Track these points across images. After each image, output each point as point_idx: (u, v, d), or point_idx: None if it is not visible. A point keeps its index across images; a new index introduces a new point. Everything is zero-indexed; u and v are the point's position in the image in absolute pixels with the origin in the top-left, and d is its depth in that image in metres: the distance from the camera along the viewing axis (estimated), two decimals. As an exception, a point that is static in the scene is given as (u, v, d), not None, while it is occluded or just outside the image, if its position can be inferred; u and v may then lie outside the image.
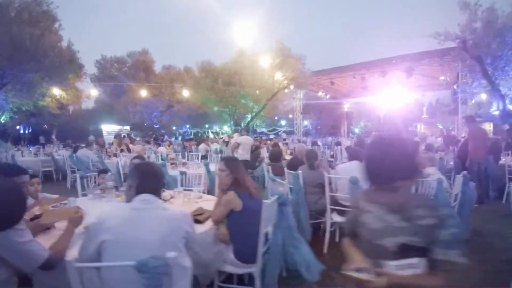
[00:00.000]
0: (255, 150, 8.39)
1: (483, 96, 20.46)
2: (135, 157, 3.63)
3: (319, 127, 31.30)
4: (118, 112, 22.48)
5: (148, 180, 1.52)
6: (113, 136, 18.15)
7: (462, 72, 12.09)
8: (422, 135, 8.25)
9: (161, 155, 8.18)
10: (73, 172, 7.84)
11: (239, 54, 14.49)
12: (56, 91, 14.25)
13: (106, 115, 24.06)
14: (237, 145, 7.91)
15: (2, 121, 13.88)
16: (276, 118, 30.38)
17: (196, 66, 16.90)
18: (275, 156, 4.53)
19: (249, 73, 12.50)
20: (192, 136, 25.26)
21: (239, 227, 2.13)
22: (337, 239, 3.75)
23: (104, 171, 3.54)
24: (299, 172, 3.64)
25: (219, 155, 8.37)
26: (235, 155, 7.59)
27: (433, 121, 34.01)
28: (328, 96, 18.60)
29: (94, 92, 18.50)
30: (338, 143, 11.15)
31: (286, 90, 14.42)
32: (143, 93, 19.36)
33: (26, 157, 10.20)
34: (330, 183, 3.91)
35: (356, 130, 31.16)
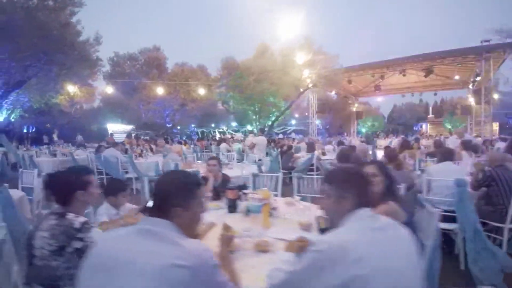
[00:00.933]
0: (288, 150, 8.07)
1: (495, 96, 20.58)
2: (211, 158, 3.28)
3: (327, 126, 31.07)
4: (127, 110, 21.84)
5: (367, 188, 1.20)
6: (121, 136, 17.68)
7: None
8: (459, 132, 7.99)
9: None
10: (100, 173, 7.44)
11: (262, 50, 14.04)
12: (70, 88, 13.59)
13: (112, 114, 23.43)
14: (253, 145, 8.17)
15: (12, 120, 13.21)
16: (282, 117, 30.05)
17: (209, 64, 16.49)
18: (344, 156, 4.20)
19: (280, 70, 12.08)
20: (199, 136, 24.83)
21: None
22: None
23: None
24: (388, 174, 3.35)
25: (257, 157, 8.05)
26: (250, 154, 7.76)
27: (439, 121, 34.10)
28: (341, 95, 18.37)
29: (109, 89, 17.88)
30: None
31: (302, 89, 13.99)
32: (160, 90, 18.71)
33: (42, 157, 9.74)
34: (413, 185, 3.65)
35: (363, 130, 31.00)
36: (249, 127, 13.39)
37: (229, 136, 19.48)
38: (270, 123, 14.52)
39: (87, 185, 1.61)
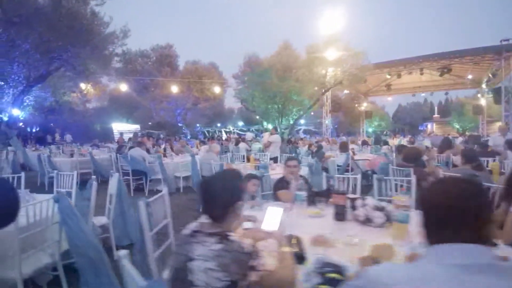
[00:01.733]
0: (318, 150, 7.86)
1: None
2: (290, 158, 3.03)
3: (336, 126, 30.86)
4: (137, 109, 21.34)
5: None
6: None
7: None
8: (503, 129, 7.65)
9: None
10: (125, 174, 7.14)
11: (285, 47, 13.73)
12: (83, 85, 13.02)
13: (117, 112, 22.93)
14: (269, 143, 8.07)
15: (21, 118, 12.62)
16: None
17: (223, 61, 16.13)
18: (413, 156, 3.94)
19: (306, 67, 11.79)
20: (206, 135, 24.49)
21: None
22: None
23: (254, 176, 2.94)
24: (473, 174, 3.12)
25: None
26: (266, 152, 7.74)
27: (445, 121, 34.07)
28: (352, 95, 18.19)
29: (124, 87, 17.39)
30: (386, 143, 10.71)
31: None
32: (174, 89, 18.24)
33: (57, 157, 9.37)
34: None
35: (369, 130, 30.80)
36: (269, 126, 13.08)
37: (237, 136, 19.23)
38: (292, 122, 14.20)
39: (244, 193, 1.31)
